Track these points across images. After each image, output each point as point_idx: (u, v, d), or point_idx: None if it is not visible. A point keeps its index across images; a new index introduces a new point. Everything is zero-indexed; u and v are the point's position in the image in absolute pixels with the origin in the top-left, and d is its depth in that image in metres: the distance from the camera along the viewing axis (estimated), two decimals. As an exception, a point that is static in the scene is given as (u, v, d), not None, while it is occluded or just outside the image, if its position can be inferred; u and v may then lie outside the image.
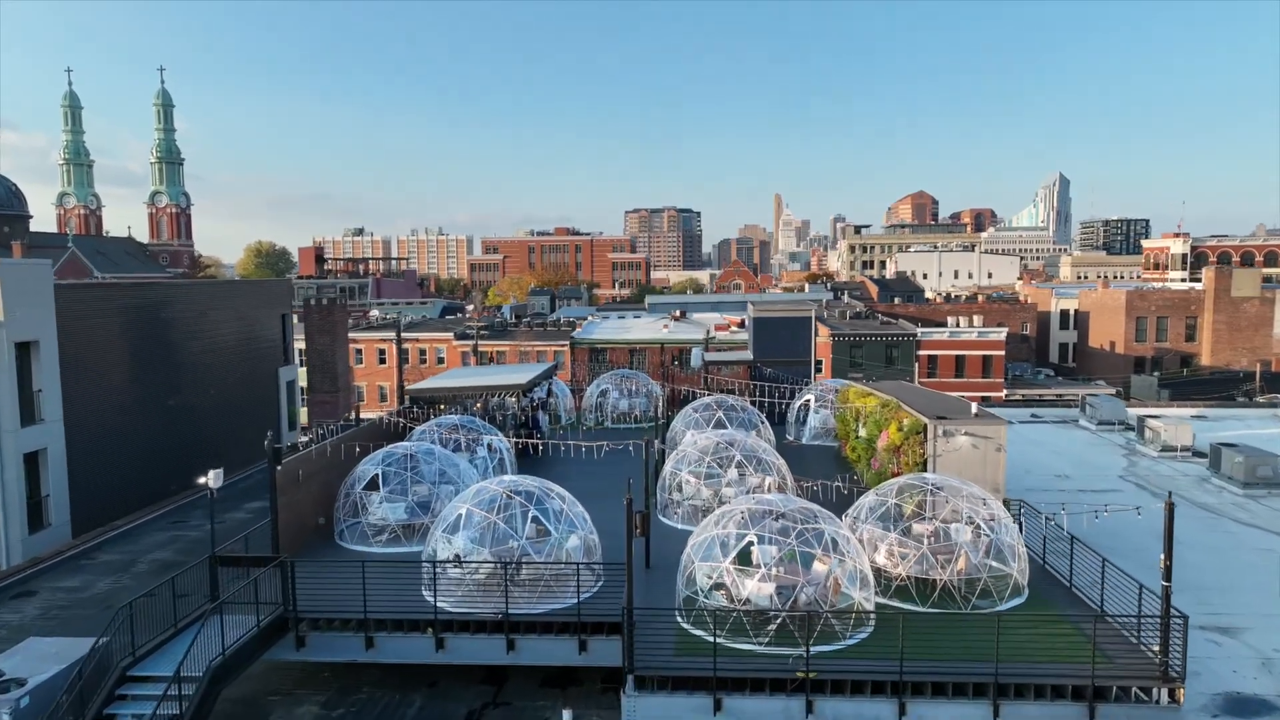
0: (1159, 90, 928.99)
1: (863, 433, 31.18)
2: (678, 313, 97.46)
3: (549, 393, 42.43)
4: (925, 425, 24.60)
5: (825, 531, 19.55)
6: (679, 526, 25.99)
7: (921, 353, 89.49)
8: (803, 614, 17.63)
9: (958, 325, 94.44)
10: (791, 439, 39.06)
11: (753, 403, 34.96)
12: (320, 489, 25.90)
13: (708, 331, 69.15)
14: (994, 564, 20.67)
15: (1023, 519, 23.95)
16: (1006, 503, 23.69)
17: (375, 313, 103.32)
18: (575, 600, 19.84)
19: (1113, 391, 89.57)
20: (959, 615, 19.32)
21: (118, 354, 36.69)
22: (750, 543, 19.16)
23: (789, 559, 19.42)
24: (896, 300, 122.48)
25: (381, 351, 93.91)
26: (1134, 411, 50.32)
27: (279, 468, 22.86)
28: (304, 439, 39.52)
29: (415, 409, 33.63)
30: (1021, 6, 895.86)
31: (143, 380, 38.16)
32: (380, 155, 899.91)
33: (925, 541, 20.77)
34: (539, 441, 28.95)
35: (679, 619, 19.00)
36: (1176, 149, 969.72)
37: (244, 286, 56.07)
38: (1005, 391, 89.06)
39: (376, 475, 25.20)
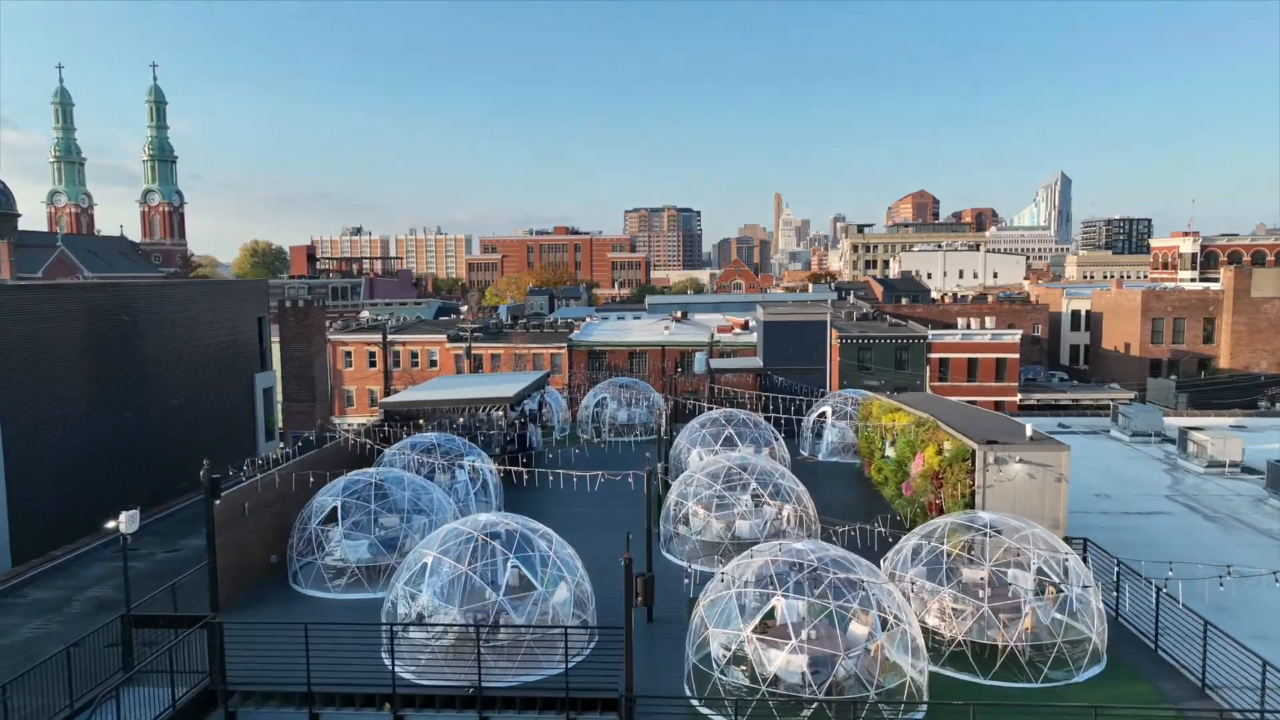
0: (1155, 89, 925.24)
1: (891, 453, 27.73)
2: (679, 314, 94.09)
3: (541, 403, 38.97)
4: (972, 451, 21.12)
5: (864, 584, 16.13)
6: (686, 565, 22.56)
7: (932, 355, 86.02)
8: (845, 700, 14.16)
9: (968, 327, 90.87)
10: (806, 455, 35.61)
11: (767, 418, 31.49)
12: (272, 522, 22.45)
13: (711, 335, 65.61)
14: (1065, 619, 17.19)
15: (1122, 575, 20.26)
16: (1068, 540, 20.27)
17: (365, 314, 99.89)
18: (563, 668, 16.35)
19: (1131, 396, 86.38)
20: (1032, 694, 15.84)
21: (68, 362, 33.17)
22: (775, 605, 15.68)
23: (820, 617, 15.98)
24: (904, 301, 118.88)
25: (371, 354, 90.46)
26: (1170, 421, 46.88)
27: (217, 502, 19.40)
28: (282, 448, 36.20)
29: (390, 425, 30.18)
30: (1019, 7, 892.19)
31: (97, 390, 34.68)
32: (380, 154, 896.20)
33: (983, 593, 17.31)
34: (525, 470, 25.44)
35: (690, 698, 15.55)
36: (1174, 148, 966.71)
37: (217, 287, 52.60)
38: (1019, 396, 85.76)
39: (336, 508, 21.70)
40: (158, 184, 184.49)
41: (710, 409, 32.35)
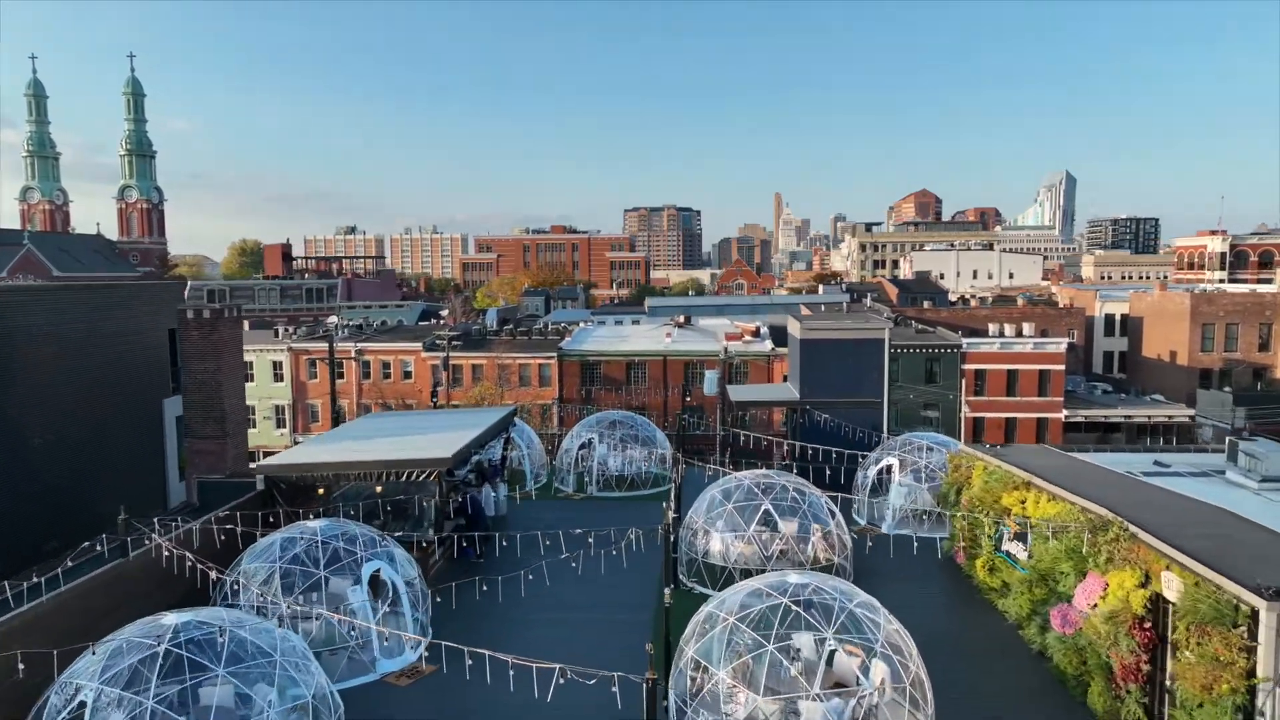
0: (1151, 87, 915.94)
1: (1018, 551, 18.26)
2: (681, 318, 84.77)
3: (506, 445, 29.48)
4: (1250, 609, 11.57)
5: None
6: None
7: (966, 366, 76.54)
8: None
9: (1001, 333, 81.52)
10: (865, 524, 26.07)
11: (830, 498, 21.94)
12: (10, 702, 12.96)
13: (725, 349, 56.04)
14: None
15: None
16: None
17: (334, 319, 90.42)
18: None
19: (1190, 412, 77.39)
20: None
21: None
22: None
23: None
24: (926, 304, 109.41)
25: (340, 364, 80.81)
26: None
27: None
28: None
29: (276, 498, 20.67)
30: (1017, 7, 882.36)
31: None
32: (379, 154, 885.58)
33: None
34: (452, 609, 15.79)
35: None
36: (1172, 148, 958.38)
37: (114, 292, 42.75)
38: (1065, 413, 76.45)
39: (92, 695, 12.13)
40: (135, 179, 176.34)
41: (729, 471, 22.84)
